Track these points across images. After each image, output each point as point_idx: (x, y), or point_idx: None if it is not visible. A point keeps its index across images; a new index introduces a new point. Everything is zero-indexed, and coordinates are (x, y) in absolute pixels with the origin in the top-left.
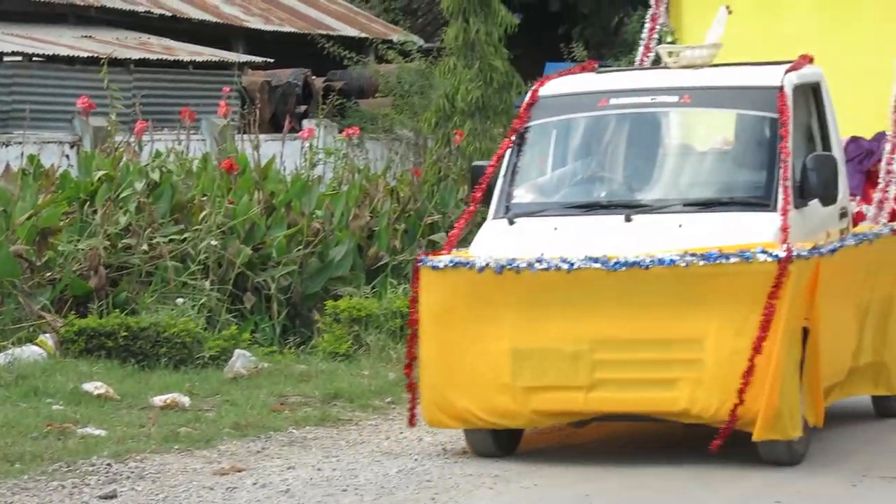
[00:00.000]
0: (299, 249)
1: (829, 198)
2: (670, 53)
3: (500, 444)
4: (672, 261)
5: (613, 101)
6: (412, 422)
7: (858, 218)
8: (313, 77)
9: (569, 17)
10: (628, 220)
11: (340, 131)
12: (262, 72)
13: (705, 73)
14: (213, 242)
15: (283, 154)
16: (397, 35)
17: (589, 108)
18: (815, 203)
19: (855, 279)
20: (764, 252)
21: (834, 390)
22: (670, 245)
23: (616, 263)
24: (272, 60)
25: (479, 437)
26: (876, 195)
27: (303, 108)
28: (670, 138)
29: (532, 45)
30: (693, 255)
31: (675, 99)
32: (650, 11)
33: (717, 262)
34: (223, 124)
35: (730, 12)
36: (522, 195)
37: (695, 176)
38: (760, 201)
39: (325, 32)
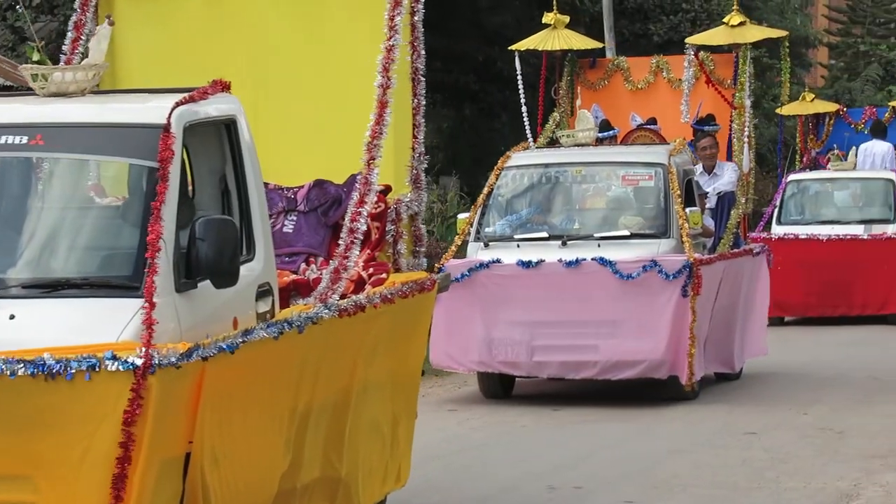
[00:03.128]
0: None
1: (223, 276)
2: (35, 77)
3: None
4: None
5: None
6: None
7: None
8: None
9: None
10: None
11: None
12: None
13: (75, 105)
14: None
15: None
16: None
17: None
18: (209, 283)
19: (280, 380)
20: (115, 358)
21: None
22: None
23: None
24: None
25: None
26: (332, 262)
27: None
28: (16, 194)
29: None
30: (19, 360)
31: (24, 140)
32: (74, 18)
33: (52, 370)
34: None
35: (111, 24)
36: None
37: (45, 246)
38: (125, 283)
39: None
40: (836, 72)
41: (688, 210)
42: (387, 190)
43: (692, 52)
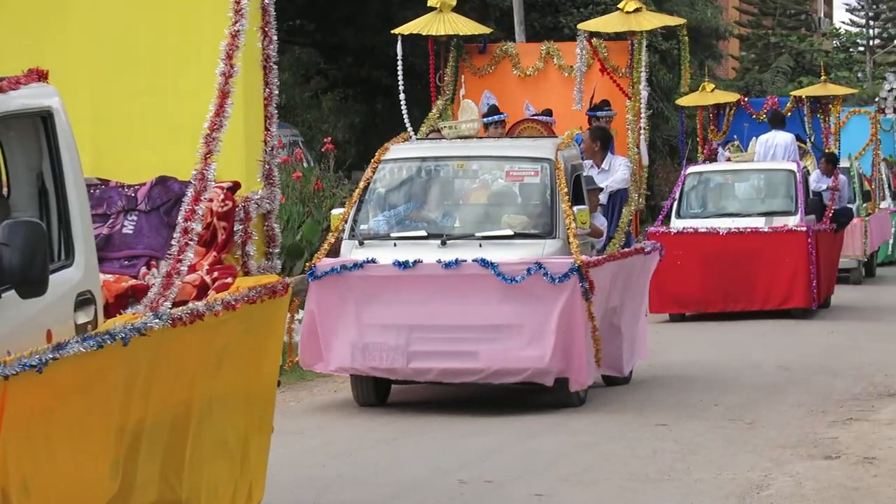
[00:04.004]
0: None
1: (31, 284)
2: None
3: None
4: None
5: None
6: None
7: (219, 291)
8: None
9: None
10: None
11: None
12: None
13: None
14: None
15: None
16: None
17: None
18: (14, 293)
19: (103, 397)
20: None
21: None
22: None
23: None
24: None
25: None
26: (162, 264)
27: None
28: None
29: None
30: None
31: None
32: None
33: None
34: None
35: None
36: None
37: None
38: None
39: None
40: (748, 63)
41: (575, 208)
42: (235, 187)
43: (585, 39)
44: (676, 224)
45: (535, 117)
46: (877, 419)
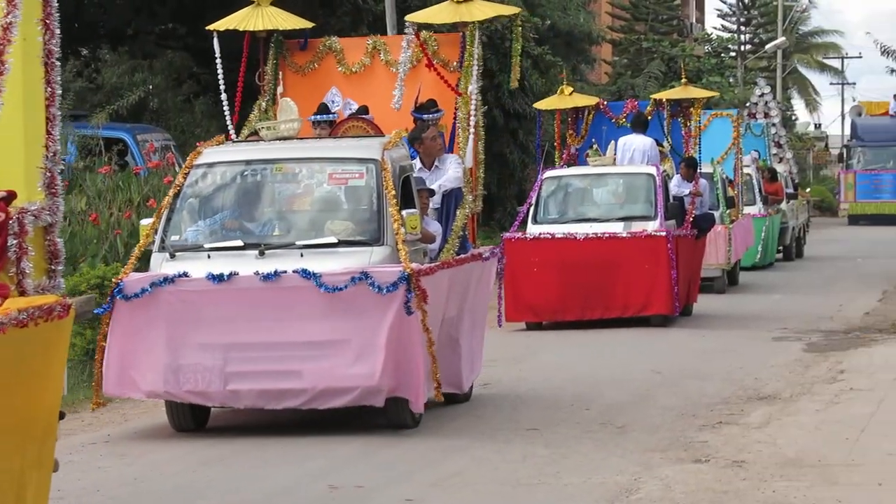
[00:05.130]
0: None
1: None
2: None
3: None
4: None
5: None
6: None
7: None
8: None
9: None
10: None
11: None
12: None
13: None
14: None
15: None
16: None
17: None
18: None
19: None
20: None
21: None
22: None
23: None
24: None
25: None
26: None
27: None
28: None
29: None
30: None
31: None
32: None
33: None
34: None
35: None
36: None
37: None
38: None
39: None
40: (620, 68)
41: (404, 212)
42: (10, 196)
43: (412, 32)
44: (533, 230)
45: (361, 116)
46: (746, 423)
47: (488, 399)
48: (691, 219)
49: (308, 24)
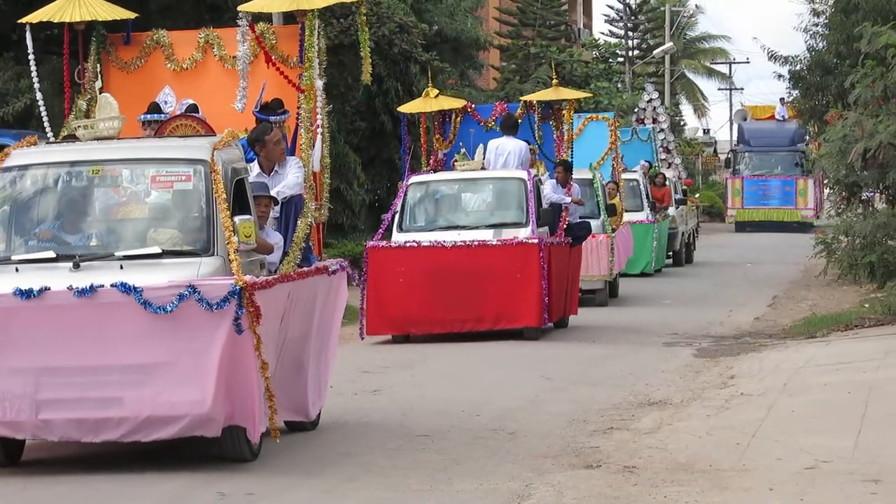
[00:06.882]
0: None
1: None
2: None
3: None
4: None
5: None
6: None
7: None
8: None
9: None
10: None
11: None
12: None
13: None
14: None
15: None
16: None
17: None
18: None
19: None
20: None
21: None
22: None
23: None
24: None
25: None
26: None
27: None
28: None
29: None
30: None
31: None
32: None
33: None
34: None
35: None
36: None
37: None
38: None
39: None
40: (508, 74)
41: (237, 219)
42: None
43: (246, 23)
44: (398, 238)
45: (190, 114)
46: (637, 428)
47: (378, 406)
48: (565, 226)
49: (129, 15)
